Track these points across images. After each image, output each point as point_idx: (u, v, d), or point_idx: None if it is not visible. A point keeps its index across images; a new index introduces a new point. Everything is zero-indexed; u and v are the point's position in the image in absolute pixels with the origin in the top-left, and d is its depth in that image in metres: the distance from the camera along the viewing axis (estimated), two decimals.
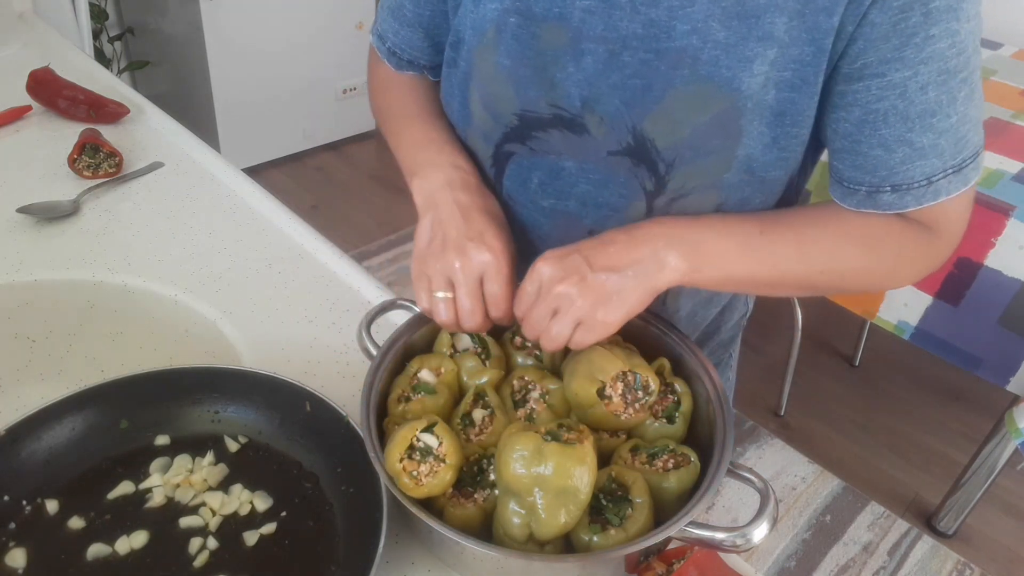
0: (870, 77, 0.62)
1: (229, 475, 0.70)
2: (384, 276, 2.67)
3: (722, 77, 0.62)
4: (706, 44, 0.61)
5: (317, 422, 0.70)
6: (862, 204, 0.67)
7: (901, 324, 1.77)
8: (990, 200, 1.57)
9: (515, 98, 0.69)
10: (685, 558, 0.61)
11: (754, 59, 0.61)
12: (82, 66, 1.40)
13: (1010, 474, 2.07)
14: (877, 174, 0.65)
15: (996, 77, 2.12)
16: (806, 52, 0.61)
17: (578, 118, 0.68)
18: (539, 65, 0.67)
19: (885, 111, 0.62)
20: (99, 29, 2.87)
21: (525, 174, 0.75)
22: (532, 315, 0.64)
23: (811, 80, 0.62)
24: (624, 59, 0.64)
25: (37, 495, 0.67)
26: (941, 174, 0.64)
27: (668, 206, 0.71)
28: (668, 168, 0.68)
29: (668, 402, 0.69)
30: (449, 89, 0.77)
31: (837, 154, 0.67)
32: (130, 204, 1.06)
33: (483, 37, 0.68)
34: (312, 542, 0.65)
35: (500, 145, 0.74)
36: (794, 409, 2.29)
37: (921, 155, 0.63)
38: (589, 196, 0.73)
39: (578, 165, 0.71)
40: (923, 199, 0.65)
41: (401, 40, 0.81)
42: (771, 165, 0.67)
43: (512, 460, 0.58)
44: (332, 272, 0.97)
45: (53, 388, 0.70)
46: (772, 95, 0.63)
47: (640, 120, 0.66)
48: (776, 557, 1.87)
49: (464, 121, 0.76)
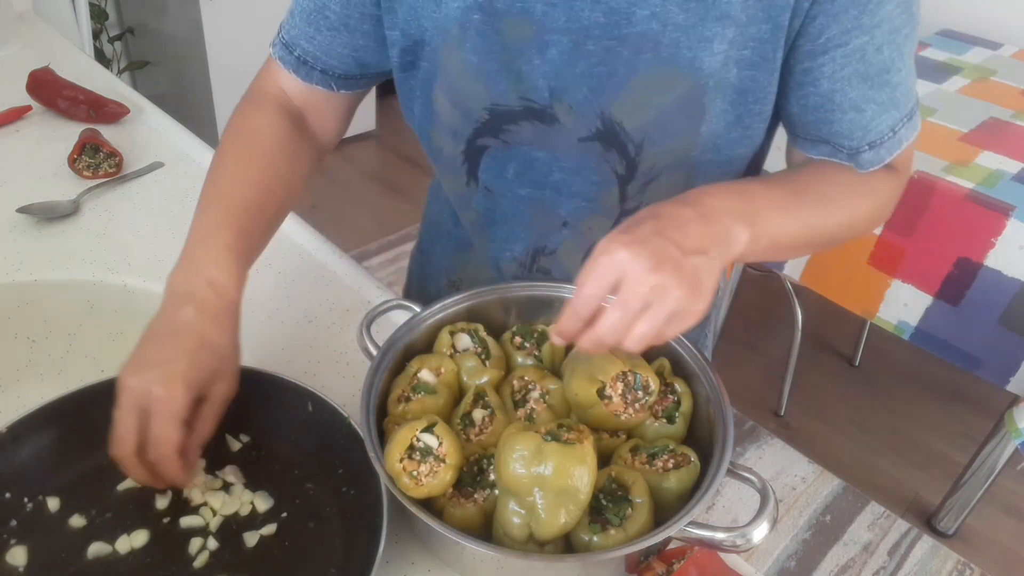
0: (834, 48, 0.64)
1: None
2: (384, 276, 2.67)
3: (683, 58, 0.64)
4: (666, 27, 0.63)
5: (319, 423, 0.69)
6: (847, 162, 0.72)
7: (901, 324, 1.77)
8: (990, 200, 1.57)
9: (485, 93, 0.70)
10: (685, 558, 0.61)
11: (713, 39, 0.63)
12: (82, 66, 1.40)
13: (1010, 474, 2.07)
14: (854, 136, 0.69)
15: (996, 77, 2.12)
16: (763, 30, 0.63)
17: (547, 108, 0.69)
18: (505, 59, 0.67)
19: (849, 76, 0.66)
20: (99, 29, 2.87)
21: (500, 165, 0.75)
22: (614, 318, 0.53)
23: (770, 57, 0.65)
24: (588, 48, 0.65)
25: (39, 493, 0.67)
26: (900, 123, 0.69)
27: (641, 191, 0.73)
28: (637, 150, 0.69)
29: (668, 402, 0.69)
30: (408, 93, 0.77)
31: (812, 125, 0.70)
32: (130, 204, 1.06)
33: (448, 36, 0.68)
34: (312, 544, 0.65)
35: (472, 140, 0.74)
36: (794, 409, 2.29)
37: (883, 109, 0.68)
38: (563, 184, 0.74)
39: (550, 154, 0.72)
40: (893, 149, 0.70)
41: (316, 47, 0.75)
42: (736, 143, 0.70)
43: (512, 460, 0.58)
44: (332, 272, 0.97)
45: (53, 388, 0.70)
46: (733, 73, 0.65)
47: (607, 106, 0.67)
48: (776, 557, 1.88)
49: (428, 121, 0.76)
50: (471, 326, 0.75)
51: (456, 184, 0.81)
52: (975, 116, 1.89)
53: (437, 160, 0.81)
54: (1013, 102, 1.97)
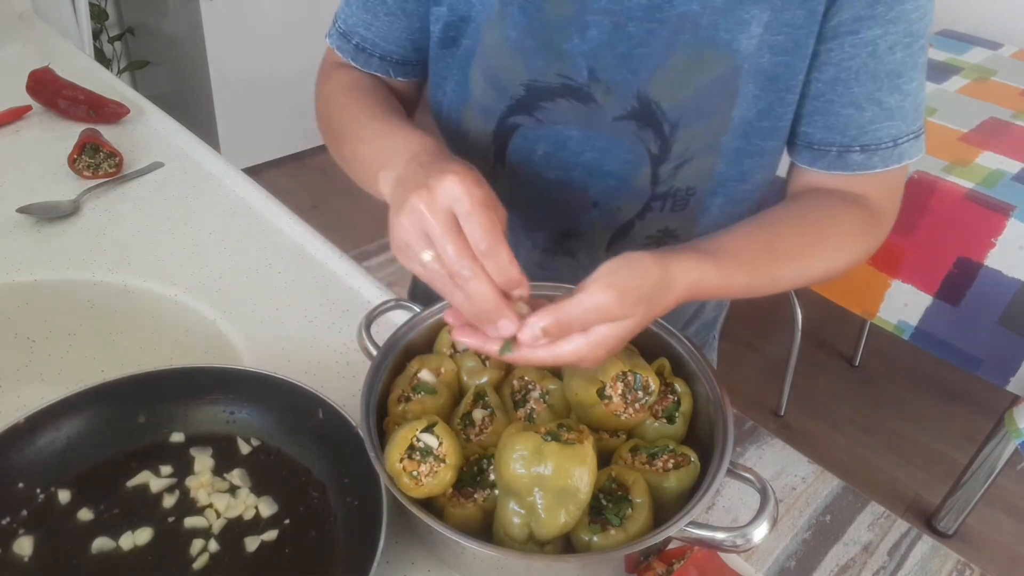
0: (843, 35, 0.64)
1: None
2: (384, 276, 2.67)
3: (721, 40, 0.64)
4: (705, 9, 0.64)
5: (328, 430, 0.69)
6: (832, 166, 0.71)
7: (901, 324, 1.77)
8: (990, 200, 1.57)
9: (523, 69, 0.70)
10: (685, 558, 0.61)
11: (751, 21, 0.64)
12: (82, 66, 1.40)
13: (1010, 474, 2.07)
14: (847, 133, 0.68)
15: (996, 77, 2.12)
16: (798, 15, 0.64)
17: (584, 87, 0.69)
18: (545, 36, 0.68)
19: (856, 69, 0.65)
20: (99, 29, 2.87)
21: (530, 146, 0.75)
22: (583, 353, 0.56)
23: (803, 43, 0.65)
24: (629, 30, 0.66)
25: (51, 484, 0.67)
26: (905, 137, 0.68)
27: (672, 175, 0.73)
28: (672, 129, 0.70)
29: (668, 402, 0.69)
30: (443, 71, 0.77)
31: (808, 117, 0.70)
32: (130, 204, 1.06)
33: (492, 11, 0.69)
34: (312, 554, 0.65)
35: (504, 119, 0.74)
36: (794, 409, 2.29)
37: (888, 116, 0.67)
38: (595, 165, 0.74)
39: (583, 133, 0.72)
40: (889, 160, 0.69)
41: (374, 33, 0.78)
42: (766, 133, 0.70)
43: (512, 460, 0.58)
44: (332, 272, 0.97)
45: (53, 388, 0.70)
46: (767, 59, 0.66)
47: (645, 84, 0.68)
48: (776, 557, 1.88)
49: (460, 101, 0.77)
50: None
51: (481, 169, 0.79)
52: (975, 116, 1.89)
53: (462, 143, 0.80)
54: (1013, 102, 1.97)
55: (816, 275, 0.70)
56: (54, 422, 0.68)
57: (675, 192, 0.74)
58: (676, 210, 0.76)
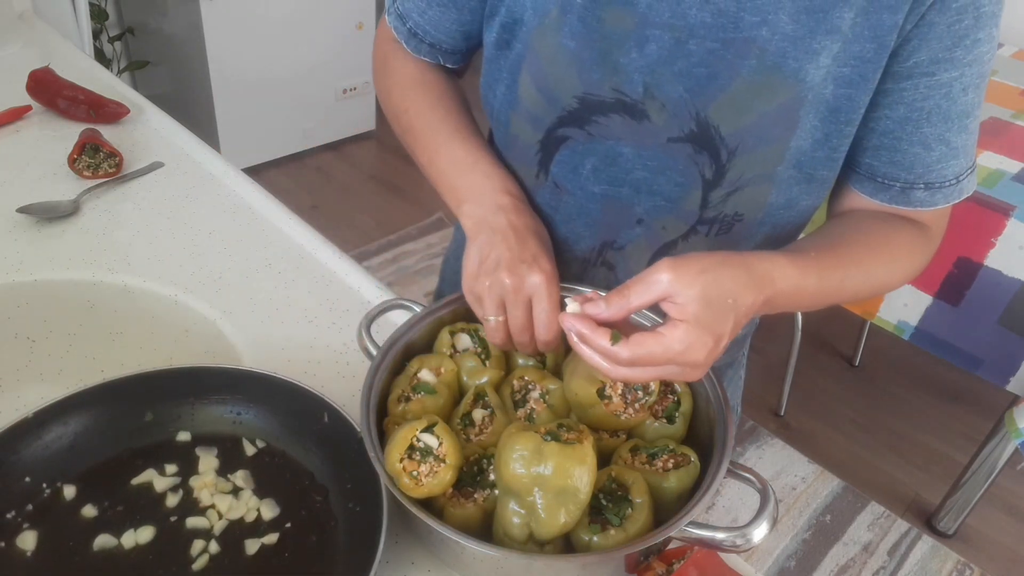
0: (919, 76, 0.63)
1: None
2: (384, 276, 2.67)
3: (789, 68, 0.63)
4: (774, 36, 0.62)
5: (333, 434, 0.69)
6: (895, 200, 0.70)
7: (901, 324, 1.77)
8: (990, 200, 1.57)
9: (577, 81, 0.69)
10: (685, 558, 0.61)
11: (820, 52, 0.62)
12: (82, 66, 1.40)
13: (1010, 474, 2.07)
14: (913, 171, 0.68)
15: (996, 77, 2.12)
16: (867, 49, 0.62)
17: (639, 104, 0.68)
18: (603, 49, 0.67)
19: (929, 109, 0.64)
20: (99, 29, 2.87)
21: (578, 160, 0.74)
22: (648, 373, 0.58)
23: (869, 77, 0.64)
24: (689, 47, 0.64)
25: (57, 479, 0.68)
26: (965, 173, 0.69)
27: (723, 201, 0.71)
28: (730, 155, 0.68)
29: (668, 402, 0.69)
30: (495, 73, 0.76)
31: (874, 151, 0.69)
32: (130, 204, 1.06)
33: (545, 18, 0.68)
34: (311, 558, 0.65)
35: (552, 130, 0.73)
36: (794, 409, 2.29)
37: (954, 155, 0.67)
38: (644, 183, 0.73)
39: (636, 151, 0.71)
40: (951, 197, 0.69)
41: (427, 21, 0.78)
42: (820, 163, 0.68)
43: (512, 460, 0.58)
44: (332, 272, 0.97)
45: (53, 388, 0.70)
46: (830, 90, 0.64)
47: (705, 107, 0.66)
48: (776, 557, 1.88)
49: (509, 106, 0.75)
50: (471, 326, 0.75)
51: (524, 177, 0.79)
52: None
53: (510, 149, 0.79)
54: (1013, 102, 1.97)
55: (878, 283, 0.70)
56: (62, 418, 0.68)
57: (723, 217, 0.73)
58: (720, 234, 0.74)
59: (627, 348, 0.56)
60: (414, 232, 2.88)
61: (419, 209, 2.97)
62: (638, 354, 0.56)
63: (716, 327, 0.56)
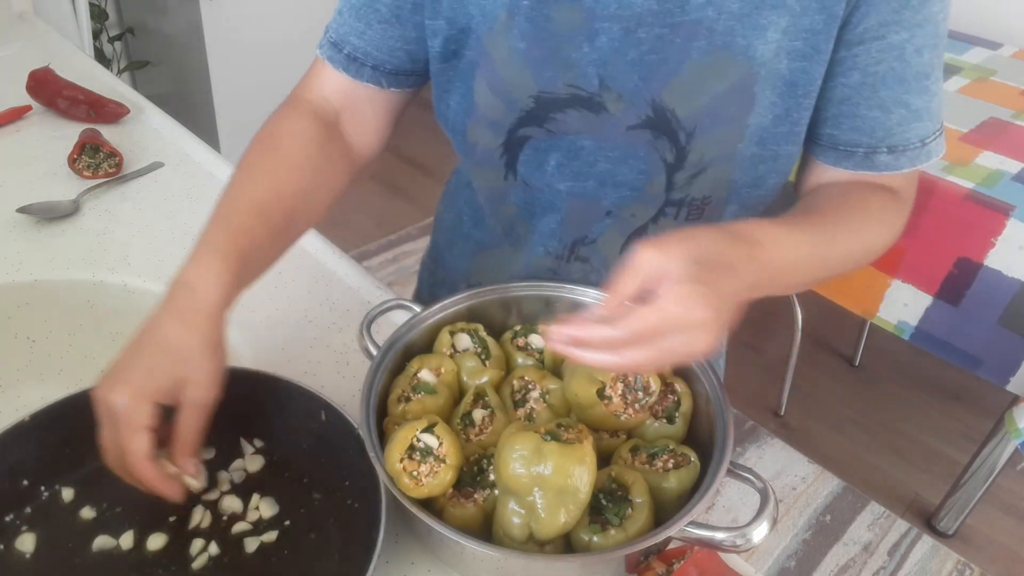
0: (869, 40, 0.64)
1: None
2: (384, 276, 2.67)
3: (738, 46, 0.63)
4: (721, 15, 0.63)
5: (331, 433, 0.69)
6: (860, 166, 0.70)
7: (901, 324, 1.77)
8: (990, 200, 1.57)
9: (531, 80, 0.69)
10: (685, 558, 0.61)
11: (768, 27, 0.63)
12: (82, 66, 1.40)
13: (1010, 474, 2.07)
14: (875, 135, 0.68)
15: (996, 77, 2.12)
16: (816, 20, 0.63)
17: (595, 96, 0.68)
18: (554, 46, 0.67)
19: (883, 73, 0.65)
20: (99, 29, 2.87)
21: (541, 157, 0.74)
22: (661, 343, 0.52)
23: (822, 48, 0.64)
24: (639, 36, 0.65)
25: (55, 482, 0.68)
26: (932, 136, 0.68)
27: (689, 183, 0.72)
28: (688, 137, 0.68)
29: (668, 402, 0.69)
30: (444, 86, 0.76)
31: (834, 120, 0.69)
32: (130, 204, 1.06)
33: (495, 23, 0.68)
34: (310, 557, 0.65)
35: (513, 131, 0.73)
36: (794, 409, 2.29)
37: (916, 117, 0.67)
38: (608, 175, 0.73)
39: (596, 143, 0.71)
40: (917, 160, 0.69)
41: (367, 42, 0.74)
42: (782, 139, 0.69)
43: (512, 460, 0.58)
44: (332, 272, 0.97)
45: (53, 388, 0.70)
46: (784, 64, 0.65)
47: (659, 93, 0.67)
48: (776, 557, 1.87)
49: (465, 114, 0.75)
50: (471, 326, 0.75)
51: (493, 179, 0.79)
52: (975, 116, 1.89)
53: (471, 156, 0.79)
54: (1013, 102, 1.97)
55: (868, 241, 0.69)
56: (59, 420, 0.68)
57: (690, 200, 0.73)
58: (691, 219, 0.75)
59: (622, 325, 0.52)
60: (414, 232, 2.88)
61: (419, 209, 2.97)
62: (636, 328, 0.52)
63: (710, 281, 0.53)
